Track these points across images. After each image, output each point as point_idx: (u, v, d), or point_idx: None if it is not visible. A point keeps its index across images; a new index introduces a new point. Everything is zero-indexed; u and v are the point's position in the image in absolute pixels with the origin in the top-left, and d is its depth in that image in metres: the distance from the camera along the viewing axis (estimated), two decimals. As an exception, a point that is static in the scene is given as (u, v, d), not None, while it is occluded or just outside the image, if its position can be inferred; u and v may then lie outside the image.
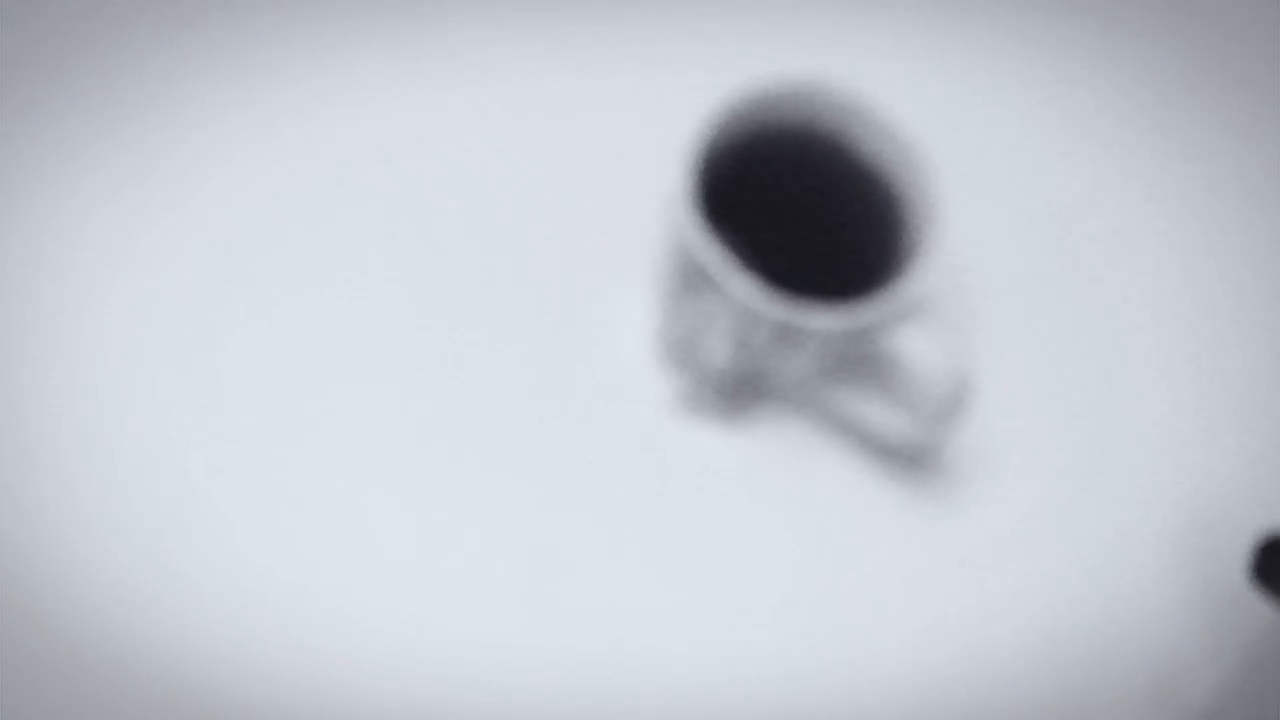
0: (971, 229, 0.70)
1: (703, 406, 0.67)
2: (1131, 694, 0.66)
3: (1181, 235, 0.71)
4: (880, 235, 0.64)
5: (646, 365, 0.67)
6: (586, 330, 0.68)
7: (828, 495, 0.67)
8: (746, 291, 0.60)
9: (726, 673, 0.65)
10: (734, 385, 0.67)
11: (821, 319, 0.60)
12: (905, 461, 0.68)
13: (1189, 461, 0.68)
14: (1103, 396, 0.69)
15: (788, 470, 0.67)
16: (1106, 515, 0.68)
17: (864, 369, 0.66)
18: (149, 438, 0.65)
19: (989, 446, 0.68)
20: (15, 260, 0.66)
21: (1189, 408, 0.69)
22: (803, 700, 0.65)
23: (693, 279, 0.61)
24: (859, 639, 0.66)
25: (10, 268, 0.66)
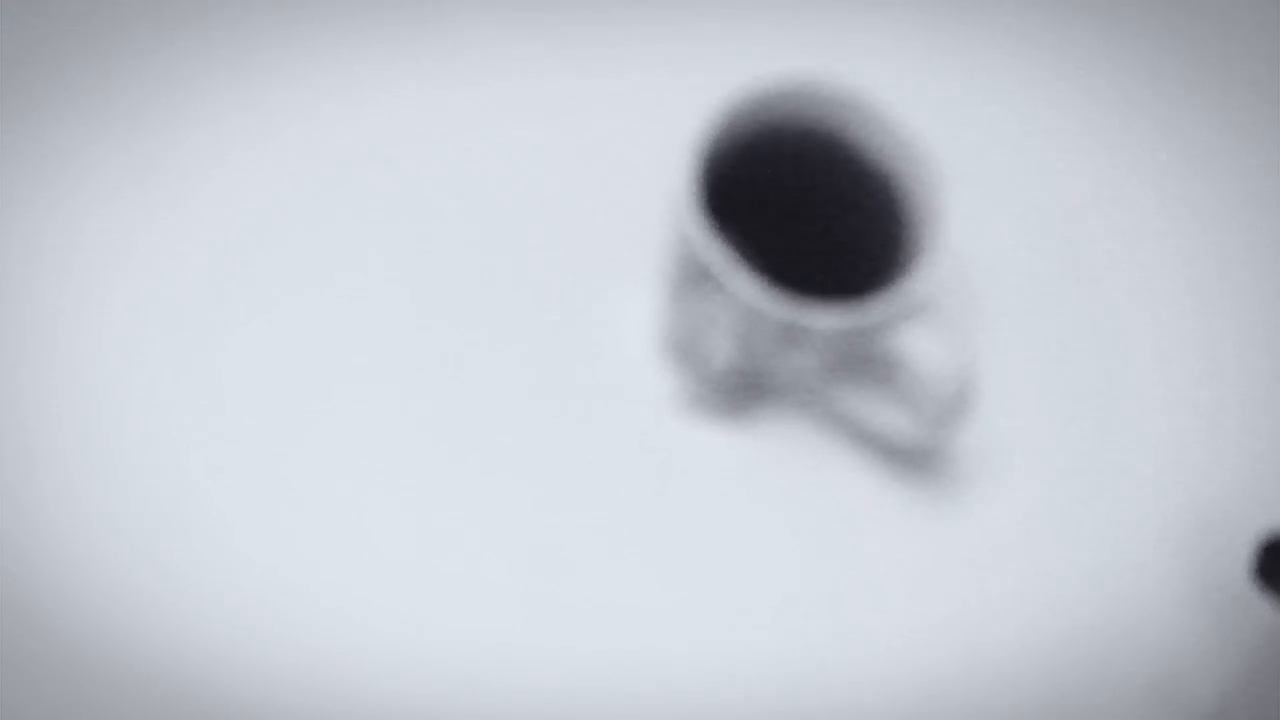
0: (974, 228, 0.70)
1: (705, 406, 0.67)
2: (1133, 694, 0.66)
3: (1183, 235, 0.71)
4: (883, 234, 0.64)
5: (649, 364, 0.67)
6: (589, 329, 0.68)
7: (830, 495, 0.67)
8: (749, 291, 0.60)
9: (726, 672, 0.65)
10: (737, 384, 0.67)
11: (824, 318, 0.60)
12: (908, 461, 0.68)
13: (1191, 461, 0.68)
14: (1105, 396, 0.69)
15: (790, 469, 0.67)
16: (1108, 515, 0.68)
17: (867, 369, 0.66)
18: (149, 438, 0.65)
19: (992, 446, 0.68)
20: (15, 260, 0.66)
21: (1191, 408, 0.69)
22: (803, 700, 0.65)
23: (696, 278, 0.61)
24: (860, 638, 0.66)
25: (10, 268, 0.66)
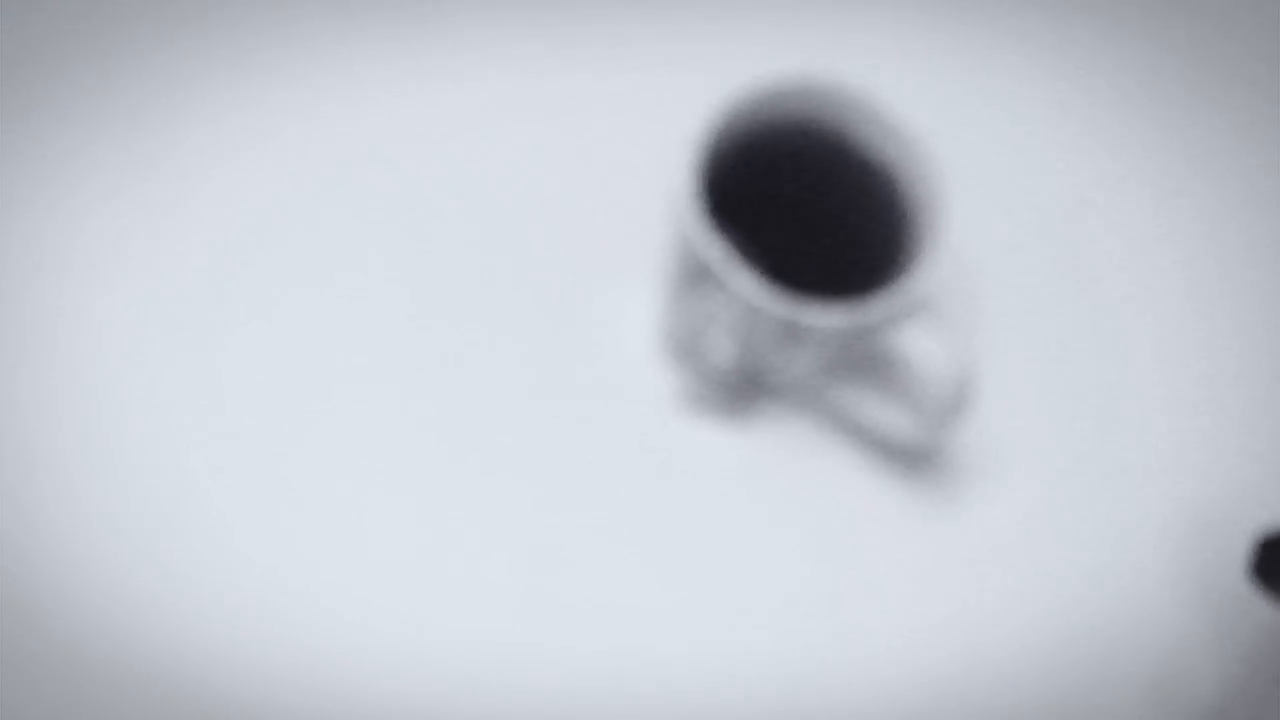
0: (975, 227, 0.70)
1: (706, 404, 0.67)
2: (1132, 693, 0.66)
3: (1184, 235, 0.71)
4: (884, 233, 0.64)
5: (650, 362, 0.67)
6: (589, 328, 0.68)
7: (830, 493, 0.67)
8: (750, 289, 0.60)
9: (725, 669, 0.65)
10: (737, 382, 0.67)
11: (825, 317, 0.60)
12: (908, 460, 0.68)
13: (1191, 460, 0.68)
14: (1104, 395, 0.69)
15: (790, 468, 0.67)
16: (1107, 513, 0.68)
17: (867, 367, 0.66)
18: (149, 438, 0.65)
19: (991, 445, 0.68)
20: (15, 260, 0.66)
21: (1191, 407, 0.69)
22: (802, 699, 0.65)
23: (696, 276, 0.61)
24: (859, 637, 0.66)
25: (10, 268, 0.66)
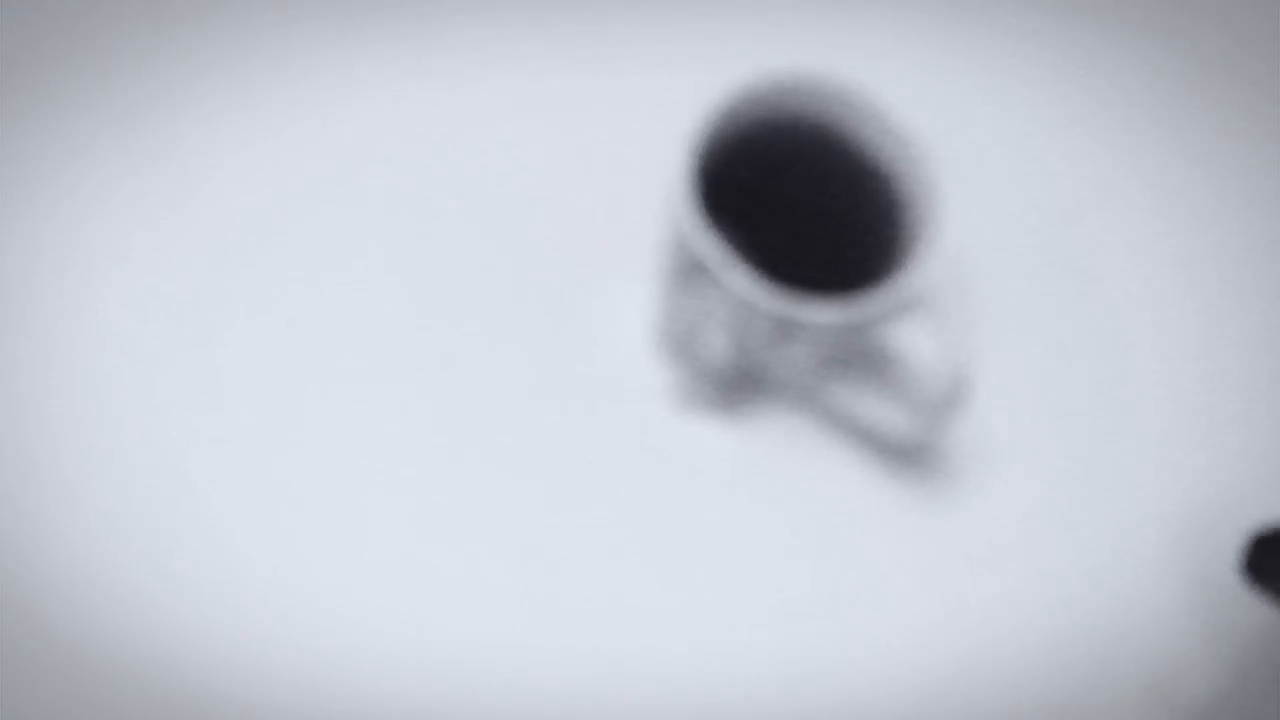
0: (971, 224, 0.70)
1: (701, 400, 0.67)
2: (1127, 691, 0.66)
3: (1182, 234, 0.71)
4: (879, 229, 0.64)
5: (645, 359, 0.67)
6: (585, 324, 0.68)
7: (825, 490, 0.67)
8: (744, 285, 0.60)
9: (722, 665, 0.65)
10: (732, 379, 0.67)
11: (819, 313, 0.60)
12: (903, 457, 0.67)
13: (1187, 459, 0.68)
14: (1100, 393, 0.69)
15: (785, 464, 0.67)
16: (1103, 512, 0.67)
17: (862, 364, 0.66)
18: (149, 438, 0.65)
19: (987, 443, 0.68)
20: (15, 260, 0.67)
21: (1187, 406, 0.69)
22: (798, 695, 0.65)
23: (691, 273, 0.61)
24: (855, 634, 0.65)
25: (10, 267, 0.67)
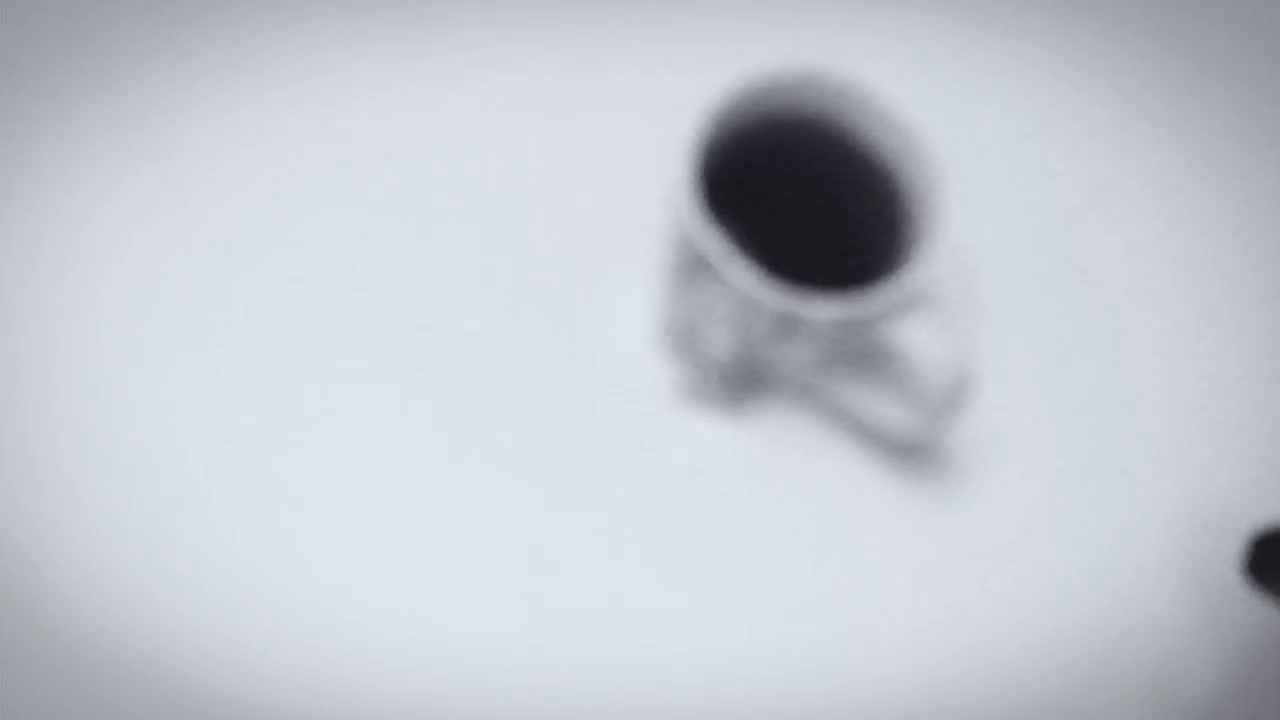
0: (974, 221, 0.70)
1: (704, 396, 0.67)
2: (1128, 690, 0.66)
3: (1183, 233, 0.71)
4: (882, 226, 0.64)
5: (647, 355, 0.67)
6: (588, 320, 0.68)
7: (827, 486, 0.67)
8: (747, 281, 0.60)
9: (723, 662, 0.65)
10: (735, 375, 0.67)
11: (821, 309, 0.60)
12: (905, 454, 0.67)
13: (1189, 458, 0.68)
14: (1102, 392, 0.69)
15: (787, 461, 0.67)
16: (1104, 512, 0.67)
17: (865, 361, 0.66)
18: (149, 438, 0.65)
19: (988, 441, 0.68)
20: (15, 259, 0.67)
21: (1187, 406, 0.69)
22: (799, 693, 0.65)
23: (694, 269, 0.61)
24: (856, 632, 0.65)
25: (10, 267, 0.66)
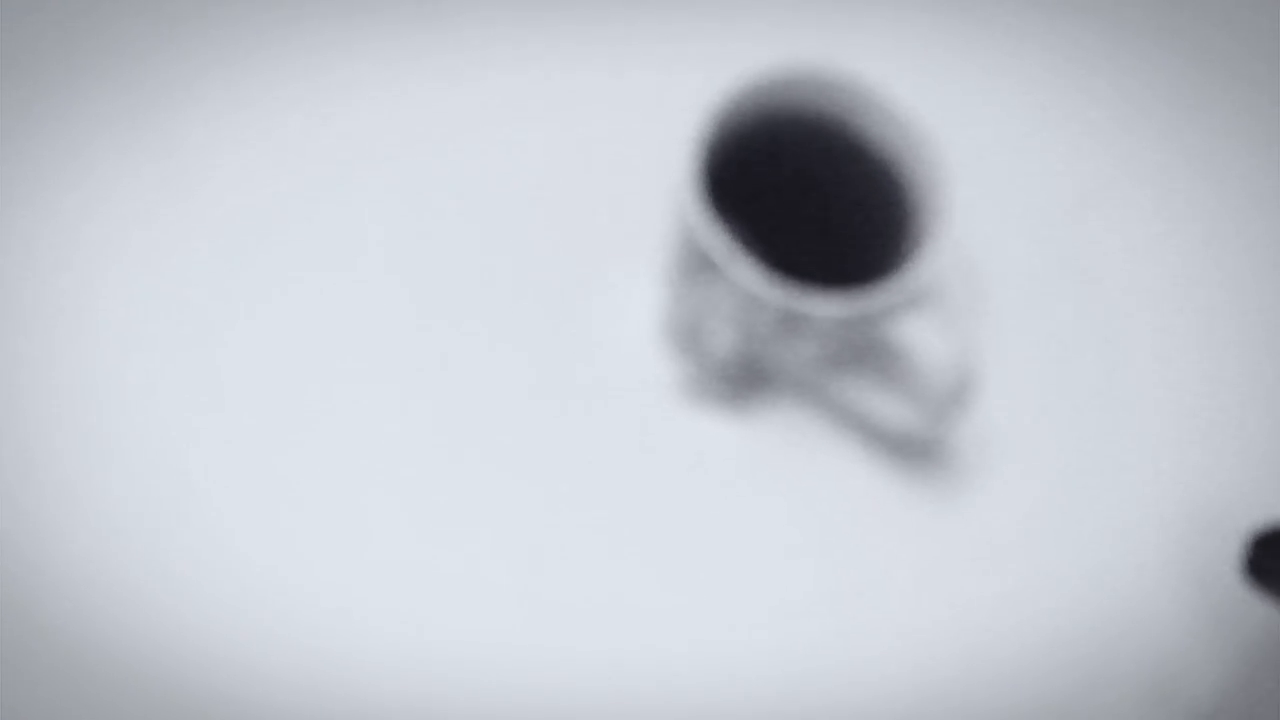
0: (977, 219, 0.70)
1: (707, 393, 0.67)
2: (1128, 690, 0.66)
3: (1184, 233, 0.71)
4: (886, 223, 0.64)
5: (651, 352, 0.67)
6: (590, 318, 0.68)
7: (830, 484, 0.67)
8: (750, 278, 0.60)
9: (725, 660, 0.65)
10: (738, 372, 0.67)
11: (825, 306, 0.60)
12: (908, 451, 0.67)
13: (1190, 458, 0.68)
14: (1104, 390, 0.69)
15: (790, 458, 0.67)
16: (1104, 512, 0.67)
17: (868, 358, 0.66)
18: (149, 437, 0.65)
19: (990, 440, 0.68)
20: (15, 259, 0.66)
21: (1187, 406, 0.69)
22: (800, 692, 0.65)
23: (697, 265, 0.61)
24: (857, 631, 0.65)
25: (10, 267, 0.66)
